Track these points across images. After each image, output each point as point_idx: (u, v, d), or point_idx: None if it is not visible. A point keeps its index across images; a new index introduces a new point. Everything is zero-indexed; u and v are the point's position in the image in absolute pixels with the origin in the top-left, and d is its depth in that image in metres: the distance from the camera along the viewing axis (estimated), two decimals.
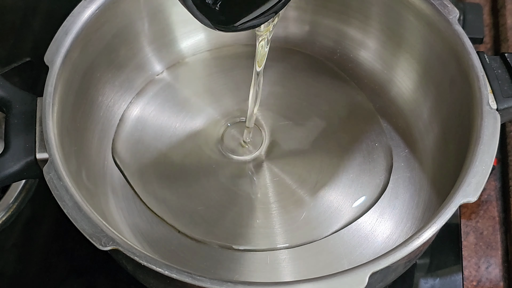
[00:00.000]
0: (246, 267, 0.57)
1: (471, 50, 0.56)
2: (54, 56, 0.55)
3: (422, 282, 0.60)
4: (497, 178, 0.68)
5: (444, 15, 0.58)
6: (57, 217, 0.64)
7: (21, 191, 0.64)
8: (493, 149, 0.51)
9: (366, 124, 0.65)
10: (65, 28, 0.57)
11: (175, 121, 0.66)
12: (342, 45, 0.69)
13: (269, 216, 0.60)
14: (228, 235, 0.59)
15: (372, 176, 0.62)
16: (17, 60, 0.70)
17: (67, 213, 0.48)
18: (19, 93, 0.54)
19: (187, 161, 0.63)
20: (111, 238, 0.46)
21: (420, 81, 0.64)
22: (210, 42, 0.71)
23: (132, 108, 0.67)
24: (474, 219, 0.66)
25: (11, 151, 0.51)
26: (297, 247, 0.58)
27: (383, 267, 0.45)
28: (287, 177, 0.62)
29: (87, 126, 0.61)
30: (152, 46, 0.68)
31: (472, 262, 0.63)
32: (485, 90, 0.54)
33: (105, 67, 0.63)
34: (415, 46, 0.63)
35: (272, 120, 0.66)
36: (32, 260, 0.62)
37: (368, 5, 0.65)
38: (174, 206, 0.60)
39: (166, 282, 0.48)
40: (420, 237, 0.46)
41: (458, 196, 0.48)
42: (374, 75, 0.68)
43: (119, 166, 0.63)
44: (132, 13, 0.64)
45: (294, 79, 0.69)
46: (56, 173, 0.49)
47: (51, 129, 0.51)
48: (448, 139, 0.60)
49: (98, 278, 0.61)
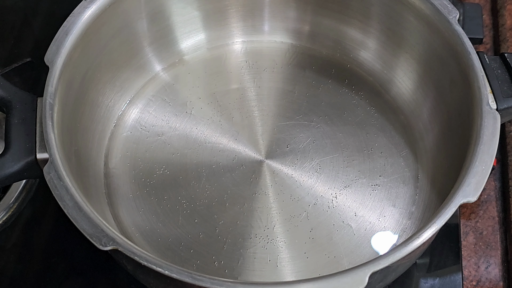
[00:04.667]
0: (246, 267, 0.57)
1: (471, 50, 0.56)
2: (55, 56, 0.55)
3: (422, 282, 0.60)
4: (497, 178, 0.68)
5: (444, 15, 0.58)
6: (57, 217, 0.64)
7: (21, 191, 0.64)
8: (493, 149, 0.51)
9: (366, 124, 0.65)
10: (66, 28, 0.57)
11: (175, 121, 0.66)
12: (342, 45, 0.69)
13: (269, 216, 0.60)
14: (228, 235, 0.59)
15: (372, 176, 0.62)
16: (17, 60, 0.70)
17: (67, 213, 0.48)
18: (19, 93, 0.54)
19: (187, 161, 0.63)
20: (111, 238, 0.46)
21: (420, 81, 0.64)
22: (210, 42, 0.71)
23: (132, 108, 0.67)
24: (473, 219, 0.66)
25: (12, 151, 0.51)
26: (297, 247, 0.58)
27: (383, 267, 0.45)
28: (287, 177, 0.62)
29: (87, 126, 0.61)
30: (152, 46, 0.68)
31: (471, 262, 0.63)
32: (485, 90, 0.54)
33: (105, 67, 0.63)
34: (415, 46, 0.63)
35: (272, 120, 0.66)
36: (32, 260, 0.62)
37: (368, 5, 0.65)
38: (173, 204, 0.60)
39: (166, 282, 0.48)
40: (420, 237, 0.46)
41: (458, 196, 0.48)
42: (374, 75, 0.68)
43: (119, 165, 0.63)
44: (132, 13, 0.64)
45: (294, 79, 0.69)
46: (56, 173, 0.49)
47: (51, 129, 0.51)
48: (448, 139, 0.60)
49: (98, 278, 0.61)
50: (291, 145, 0.64)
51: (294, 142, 0.64)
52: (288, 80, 0.69)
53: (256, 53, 0.71)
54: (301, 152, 0.63)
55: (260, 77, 0.69)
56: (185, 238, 0.59)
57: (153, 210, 0.60)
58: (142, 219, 0.60)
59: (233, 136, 0.65)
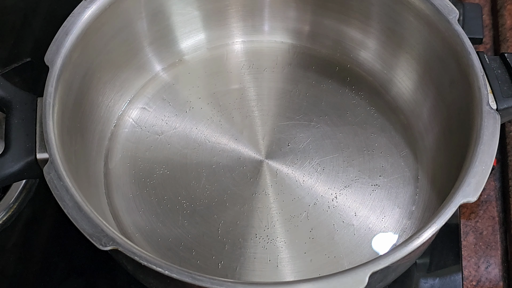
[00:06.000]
0: (246, 267, 0.57)
1: (471, 50, 0.56)
2: (55, 56, 0.55)
3: (422, 282, 0.60)
4: (497, 178, 0.68)
5: (444, 15, 0.58)
6: (57, 217, 0.64)
7: (21, 191, 0.64)
8: (493, 149, 0.51)
9: (366, 124, 0.65)
10: (66, 28, 0.57)
11: (175, 121, 0.66)
12: (342, 45, 0.69)
13: (269, 216, 0.60)
14: (228, 235, 0.59)
15: (372, 176, 0.62)
16: (17, 60, 0.70)
17: (67, 213, 0.48)
18: (19, 93, 0.54)
19: (187, 161, 0.63)
20: (111, 238, 0.46)
21: (420, 81, 0.64)
22: (210, 42, 0.71)
23: (132, 108, 0.67)
24: (473, 219, 0.66)
25: (12, 151, 0.52)
26: (297, 247, 0.58)
27: (383, 267, 0.45)
28: (287, 177, 0.62)
29: (87, 126, 0.61)
30: (152, 46, 0.68)
31: (471, 262, 0.63)
32: (485, 90, 0.54)
33: (105, 67, 0.63)
34: (415, 46, 0.63)
35: (272, 120, 0.66)
36: (32, 260, 0.62)
37: (368, 5, 0.65)
38: (173, 204, 0.60)
39: (166, 282, 0.48)
40: (420, 237, 0.46)
41: (458, 196, 0.48)
42: (374, 75, 0.68)
43: (119, 165, 0.63)
44: (132, 13, 0.64)
45: (294, 79, 0.69)
46: (56, 173, 0.49)
47: (51, 129, 0.51)
48: (448, 139, 0.60)
49: (98, 278, 0.61)
50: (291, 145, 0.64)
51: (294, 142, 0.64)
52: (288, 80, 0.69)
53: (256, 53, 0.71)
54: (301, 152, 0.63)
55: (260, 77, 0.69)
56: (185, 238, 0.59)
57: (153, 210, 0.60)
58: (142, 219, 0.60)
59: (233, 136, 0.65)
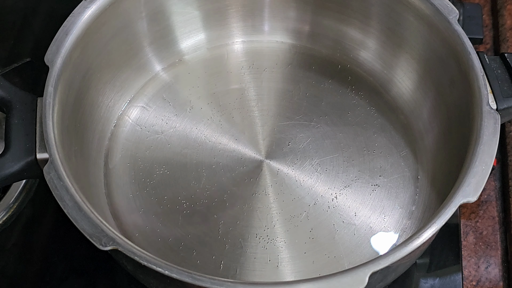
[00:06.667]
0: (246, 267, 0.57)
1: (471, 50, 0.56)
2: (55, 56, 0.55)
3: (422, 282, 0.60)
4: (497, 178, 0.68)
5: (444, 15, 0.58)
6: (57, 217, 0.64)
7: (21, 191, 0.64)
8: (493, 149, 0.51)
9: (366, 124, 0.65)
10: (66, 28, 0.57)
11: (175, 121, 0.66)
12: (342, 45, 0.69)
13: (269, 216, 0.60)
14: (228, 235, 0.59)
15: (372, 176, 0.62)
16: (17, 60, 0.70)
17: (67, 213, 0.48)
18: (19, 93, 0.54)
19: (187, 161, 0.63)
20: (111, 238, 0.46)
21: (420, 81, 0.64)
22: (210, 42, 0.71)
23: (132, 108, 0.67)
24: (473, 219, 0.66)
25: (12, 151, 0.52)
26: (297, 247, 0.58)
27: (383, 267, 0.45)
28: (287, 177, 0.62)
29: (87, 126, 0.61)
30: (152, 46, 0.68)
31: (471, 262, 0.63)
32: (485, 90, 0.54)
33: (105, 67, 0.63)
34: (415, 46, 0.63)
35: (272, 120, 0.66)
36: (32, 260, 0.62)
37: (368, 5, 0.65)
38: (173, 204, 0.60)
39: (166, 282, 0.48)
40: (420, 237, 0.46)
41: (458, 196, 0.48)
42: (374, 75, 0.68)
43: (119, 165, 0.63)
44: (132, 13, 0.64)
45: (294, 79, 0.69)
46: (56, 173, 0.49)
47: (51, 129, 0.51)
48: (448, 139, 0.60)
49: (98, 278, 0.61)
50: (291, 145, 0.64)
51: (294, 142, 0.64)
52: (288, 80, 0.69)
53: (256, 53, 0.71)
54: (301, 152, 0.63)
55: (260, 77, 0.69)
56: (185, 238, 0.59)
57: (153, 210, 0.60)
58: (142, 219, 0.60)
59: (233, 136, 0.65)
